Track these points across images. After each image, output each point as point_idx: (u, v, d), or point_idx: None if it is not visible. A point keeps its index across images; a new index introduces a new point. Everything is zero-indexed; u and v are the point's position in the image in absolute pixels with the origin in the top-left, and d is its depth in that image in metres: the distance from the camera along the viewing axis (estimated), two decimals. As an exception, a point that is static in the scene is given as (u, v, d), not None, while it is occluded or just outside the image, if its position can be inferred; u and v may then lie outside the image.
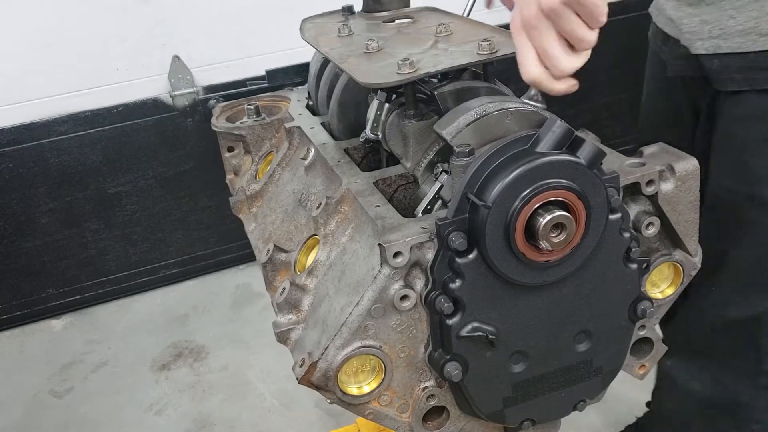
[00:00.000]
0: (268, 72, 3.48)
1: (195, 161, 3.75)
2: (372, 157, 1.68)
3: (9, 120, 3.41)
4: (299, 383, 1.21)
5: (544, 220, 1.08)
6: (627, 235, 1.20)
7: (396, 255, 1.14)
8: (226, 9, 3.57)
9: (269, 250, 1.48)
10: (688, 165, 1.28)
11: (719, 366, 1.87)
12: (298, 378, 1.21)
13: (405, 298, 1.17)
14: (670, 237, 1.35)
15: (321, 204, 1.39)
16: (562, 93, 1.15)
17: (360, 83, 1.31)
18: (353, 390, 1.24)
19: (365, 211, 1.28)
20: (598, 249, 1.18)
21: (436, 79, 1.46)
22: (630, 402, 2.64)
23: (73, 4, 3.34)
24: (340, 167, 1.51)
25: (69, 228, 3.68)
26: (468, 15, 1.75)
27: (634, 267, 1.24)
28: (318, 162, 1.64)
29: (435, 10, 1.77)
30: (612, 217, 1.17)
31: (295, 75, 2.23)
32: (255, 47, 3.62)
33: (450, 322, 1.16)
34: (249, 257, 3.90)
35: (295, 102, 2.02)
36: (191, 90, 3.61)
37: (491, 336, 1.18)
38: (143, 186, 3.72)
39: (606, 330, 1.28)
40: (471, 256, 1.12)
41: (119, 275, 3.86)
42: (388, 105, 1.48)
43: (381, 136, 1.50)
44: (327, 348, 1.18)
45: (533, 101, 1.39)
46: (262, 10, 3.60)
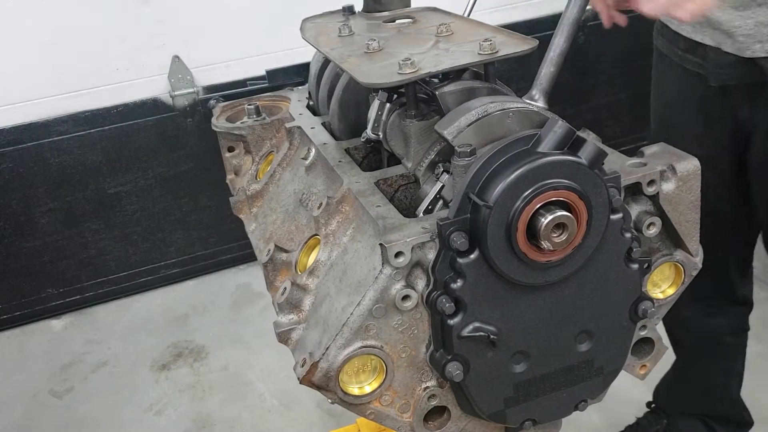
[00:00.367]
0: (268, 72, 3.49)
1: (195, 161, 3.74)
2: (373, 157, 1.68)
3: (9, 120, 3.41)
4: (300, 383, 1.21)
5: (545, 220, 1.08)
6: (628, 235, 1.20)
7: (397, 255, 1.14)
8: (226, 9, 3.56)
9: (270, 250, 1.48)
10: (689, 165, 1.27)
11: None
12: (299, 378, 1.21)
13: (406, 298, 1.17)
14: (671, 237, 1.35)
15: (322, 204, 1.39)
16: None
17: (361, 83, 1.31)
18: (354, 390, 1.23)
19: (366, 211, 1.28)
20: (599, 249, 1.18)
21: (437, 79, 1.46)
22: (631, 402, 2.64)
23: (73, 4, 3.34)
24: (341, 167, 1.51)
25: (69, 228, 3.67)
26: (469, 15, 1.75)
27: (635, 267, 1.24)
28: (319, 162, 1.64)
29: (436, 10, 1.76)
30: (613, 217, 1.17)
31: (296, 75, 2.24)
32: (255, 47, 3.62)
33: (451, 322, 1.16)
34: (249, 257, 3.90)
35: (296, 102, 2.02)
36: (191, 90, 3.61)
37: (492, 336, 1.18)
38: (143, 186, 3.72)
39: (607, 330, 1.28)
40: (472, 256, 1.12)
41: (119, 275, 3.85)
42: (389, 105, 1.48)
43: (382, 136, 1.50)
44: (328, 348, 1.18)
45: (534, 101, 1.39)
46: (262, 10, 3.59)
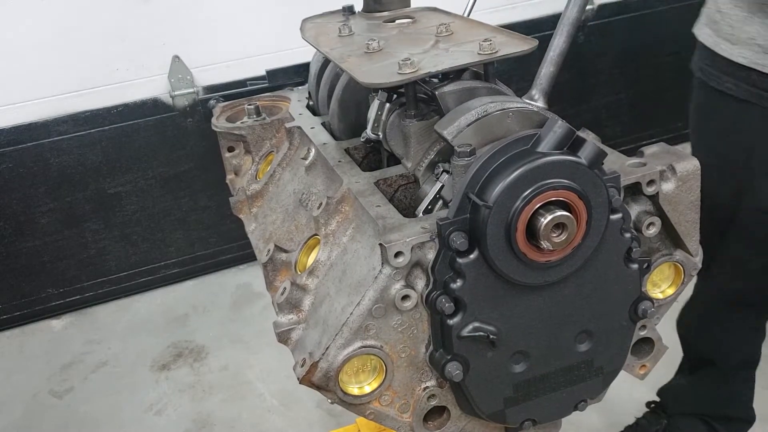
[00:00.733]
0: (268, 72, 3.49)
1: (195, 161, 3.75)
2: (373, 157, 1.68)
3: (9, 120, 3.41)
4: (300, 383, 1.21)
5: (545, 220, 1.08)
6: (628, 235, 1.20)
7: (397, 255, 1.14)
8: (226, 9, 3.56)
9: (270, 250, 1.48)
10: (689, 165, 1.27)
11: None
12: (299, 378, 1.21)
13: (406, 298, 1.17)
14: (670, 237, 1.35)
15: (322, 204, 1.39)
16: None
17: (361, 83, 1.31)
18: (354, 390, 1.23)
19: (366, 211, 1.28)
20: (599, 249, 1.18)
21: (436, 79, 1.46)
22: (630, 402, 2.64)
23: (73, 4, 3.34)
24: (340, 167, 1.51)
25: (69, 228, 3.68)
26: (468, 15, 1.75)
27: (635, 267, 1.24)
28: (319, 162, 1.64)
29: (435, 10, 1.76)
30: (613, 217, 1.17)
31: (296, 75, 2.23)
32: (255, 47, 3.62)
33: (451, 322, 1.16)
34: (249, 257, 3.91)
35: (296, 102, 2.02)
36: (191, 90, 3.61)
37: (492, 336, 1.18)
38: (143, 186, 3.72)
39: (607, 330, 1.28)
40: (472, 256, 1.12)
41: (119, 275, 3.85)
42: (388, 105, 1.48)
43: (382, 136, 1.50)
44: (328, 348, 1.18)
45: (534, 101, 1.39)
46: (262, 10, 3.60)
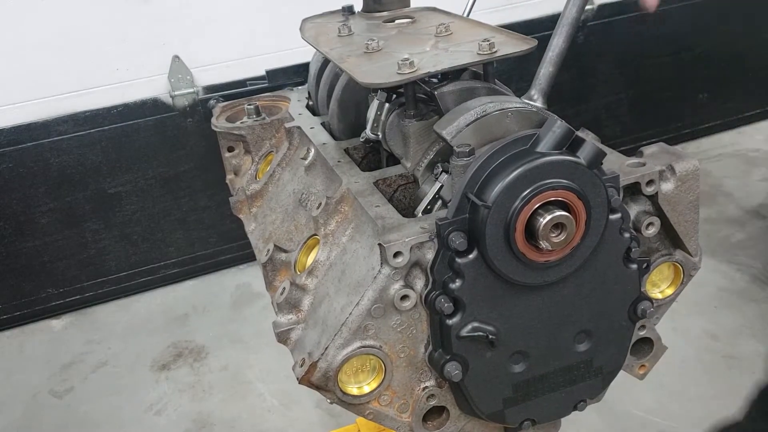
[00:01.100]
0: (268, 72, 3.49)
1: (195, 161, 3.75)
2: (372, 157, 1.68)
3: (9, 120, 3.41)
4: (299, 383, 1.21)
5: (544, 220, 1.08)
6: (627, 235, 1.20)
7: (396, 255, 1.14)
8: (226, 9, 3.56)
9: (269, 250, 1.48)
10: (688, 165, 1.27)
11: None
12: (298, 378, 1.21)
13: (405, 298, 1.17)
14: (670, 237, 1.34)
15: (321, 204, 1.39)
16: None
17: (360, 83, 1.31)
18: (353, 390, 1.24)
19: (365, 211, 1.28)
20: (598, 249, 1.18)
21: (436, 79, 1.46)
22: (630, 402, 2.64)
23: (73, 4, 3.34)
24: (340, 167, 1.51)
25: (69, 228, 3.68)
26: (468, 15, 1.75)
27: (634, 267, 1.24)
28: (318, 162, 1.64)
29: (435, 10, 1.77)
30: (612, 217, 1.17)
31: (295, 75, 2.23)
32: (255, 47, 3.62)
33: (450, 322, 1.16)
34: (249, 257, 3.90)
35: (295, 102, 2.02)
36: (191, 90, 3.61)
37: (491, 336, 1.18)
38: (143, 186, 3.72)
39: (606, 330, 1.28)
40: (471, 256, 1.12)
41: (119, 275, 3.85)
42: (388, 105, 1.48)
43: (381, 136, 1.50)
44: (327, 348, 1.18)
45: (533, 101, 1.39)
46: (262, 10, 3.60)
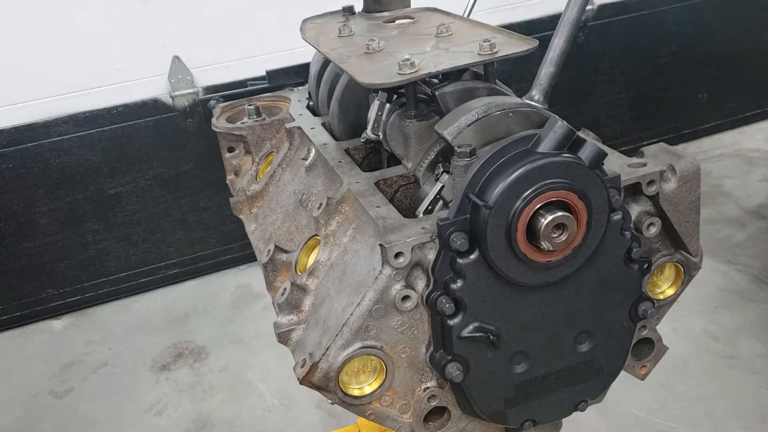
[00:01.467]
0: (268, 72, 3.48)
1: (195, 162, 3.74)
2: (373, 158, 1.68)
3: (9, 120, 3.41)
4: (300, 384, 1.21)
5: (545, 220, 1.08)
6: (628, 236, 1.20)
7: (397, 255, 1.14)
8: (226, 9, 3.56)
9: (270, 250, 1.48)
10: (689, 165, 1.27)
11: None
12: (299, 379, 1.21)
13: (406, 298, 1.17)
14: (671, 237, 1.34)
15: (322, 204, 1.39)
16: None
17: (361, 83, 1.31)
18: (354, 390, 1.23)
19: (366, 212, 1.28)
20: (599, 249, 1.18)
21: (436, 80, 1.46)
22: (631, 402, 2.64)
23: (73, 4, 3.34)
24: (341, 168, 1.51)
25: (69, 228, 3.67)
26: (469, 15, 1.75)
27: (635, 267, 1.24)
28: (319, 162, 1.64)
29: (436, 10, 1.77)
30: (613, 218, 1.17)
31: (296, 75, 2.23)
32: (255, 47, 3.62)
33: (451, 322, 1.16)
34: (249, 258, 3.90)
35: (296, 102, 2.02)
36: (191, 90, 3.61)
37: (492, 336, 1.18)
38: (143, 186, 3.72)
39: (607, 330, 1.28)
40: (472, 256, 1.12)
41: (119, 276, 3.85)
42: (389, 105, 1.48)
43: (382, 136, 1.50)
44: (328, 348, 1.18)
45: (534, 101, 1.39)
46: (262, 10, 3.60)
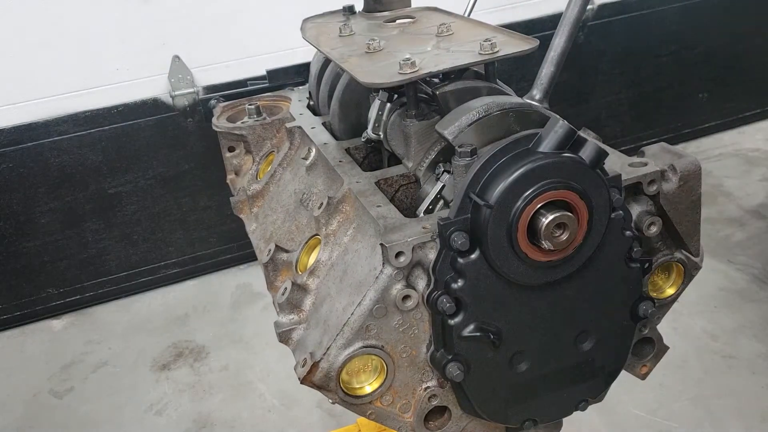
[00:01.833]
0: (268, 72, 3.48)
1: (195, 161, 3.74)
2: (373, 157, 1.68)
3: (9, 120, 3.41)
4: (301, 383, 1.21)
5: (546, 219, 1.08)
6: (629, 235, 1.20)
7: (398, 255, 1.14)
8: (226, 9, 3.56)
9: (270, 250, 1.48)
10: (690, 165, 1.27)
11: None
12: (300, 378, 1.21)
13: (407, 298, 1.17)
14: (672, 237, 1.34)
15: (323, 204, 1.39)
16: None
17: (361, 83, 1.31)
18: (355, 390, 1.23)
19: (367, 211, 1.28)
20: (600, 249, 1.18)
21: (437, 79, 1.46)
22: (631, 402, 2.64)
23: (74, 4, 3.34)
24: (341, 167, 1.51)
25: (69, 228, 3.67)
26: (469, 15, 1.75)
27: (636, 267, 1.24)
28: (319, 162, 1.64)
29: (436, 9, 1.76)
30: (614, 217, 1.17)
31: (296, 75, 2.23)
32: (255, 47, 3.62)
33: (452, 322, 1.16)
34: (249, 257, 3.90)
35: (296, 102, 2.02)
36: (191, 90, 3.60)
37: (493, 336, 1.18)
38: (143, 186, 3.72)
39: (608, 330, 1.28)
40: (473, 256, 1.12)
41: (119, 275, 3.85)
42: (389, 105, 1.48)
43: (382, 136, 1.50)
44: (329, 348, 1.18)
45: (535, 101, 1.39)
46: (262, 10, 3.59)
